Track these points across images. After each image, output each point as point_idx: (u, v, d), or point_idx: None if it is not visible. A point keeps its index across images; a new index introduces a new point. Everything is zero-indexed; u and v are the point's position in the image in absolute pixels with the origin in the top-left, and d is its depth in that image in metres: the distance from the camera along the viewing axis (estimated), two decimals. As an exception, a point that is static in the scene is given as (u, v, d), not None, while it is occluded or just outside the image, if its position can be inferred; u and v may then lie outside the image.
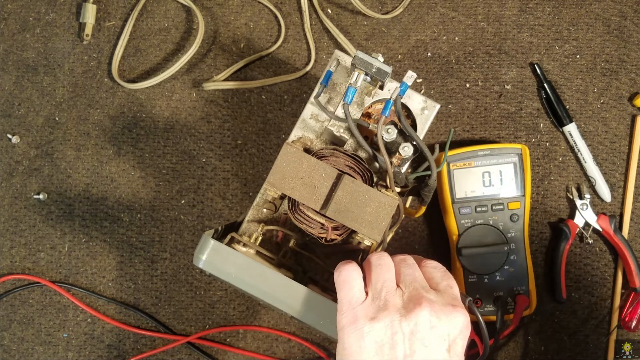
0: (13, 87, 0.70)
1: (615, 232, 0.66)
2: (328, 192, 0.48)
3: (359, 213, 0.48)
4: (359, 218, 0.48)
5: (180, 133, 0.69)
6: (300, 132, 0.54)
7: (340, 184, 0.47)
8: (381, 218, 0.48)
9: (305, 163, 0.48)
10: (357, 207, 0.47)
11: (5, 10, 0.71)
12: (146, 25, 0.70)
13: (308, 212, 0.48)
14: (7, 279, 0.68)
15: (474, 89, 0.69)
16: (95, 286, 0.69)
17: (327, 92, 0.54)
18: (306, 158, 0.48)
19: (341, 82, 0.54)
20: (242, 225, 0.54)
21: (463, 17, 0.70)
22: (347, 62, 0.54)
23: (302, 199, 0.48)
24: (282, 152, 0.48)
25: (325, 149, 0.50)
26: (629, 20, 0.70)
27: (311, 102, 0.54)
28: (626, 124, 0.69)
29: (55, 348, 0.68)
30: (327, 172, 0.48)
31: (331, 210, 0.47)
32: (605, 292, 0.68)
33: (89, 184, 0.69)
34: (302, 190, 0.48)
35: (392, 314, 0.41)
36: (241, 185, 0.69)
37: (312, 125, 0.54)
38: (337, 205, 0.47)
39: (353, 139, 0.53)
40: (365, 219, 0.48)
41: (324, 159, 0.49)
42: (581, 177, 0.68)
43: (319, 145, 0.54)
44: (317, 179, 0.48)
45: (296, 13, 0.70)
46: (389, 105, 0.48)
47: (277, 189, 0.48)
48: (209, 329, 0.68)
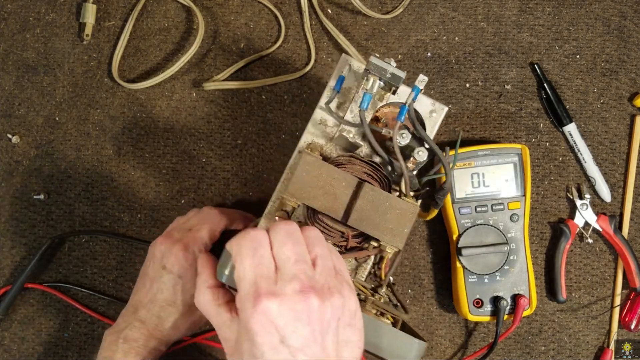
0: (13, 87, 0.70)
1: (615, 232, 0.66)
2: (349, 200, 0.47)
3: (380, 221, 0.47)
4: (380, 226, 0.47)
5: (180, 133, 0.69)
6: (309, 138, 0.53)
7: (360, 192, 0.47)
8: (402, 225, 0.47)
9: (325, 172, 0.47)
10: (378, 215, 0.47)
11: (5, 10, 0.71)
12: (146, 25, 0.70)
13: (327, 220, 0.47)
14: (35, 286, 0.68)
15: (474, 89, 0.69)
16: (95, 286, 0.69)
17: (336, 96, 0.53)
18: (326, 167, 0.47)
19: (349, 86, 0.53)
20: None
21: (463, 17, 0.70)
22: (355, 67, 0.53)
23: (323, 209, 0.47)
24: (301, 161, 0.47)
25: (341, 157, 0.50)
26: (629, 20, 0.70)
27: (321, 107, 0.53)
28: (626, 124, 0.69)
29: (56, 348, 0.68)
30: (347, 180, 0.47)
31: (353, 219, 0.47)
32: (605, 292, 0.68)
33: (89, 184, 0.69)
34: (323, 200, 0.47)
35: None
36: (241, 185, 0.69)
37: (321, 130, 0.53)
38: (359, 214, 0.47)
39: (366, 145, 0.52)
40: (387, 227, 0.47)
41: (341, 167, 0.49)
42: (581, 177, 0.69)
43: (330, 150, 0.53)
44: (337, 187, 0.47)
45: (296, 13, 0.70)
46: (404, 110, 0.48)
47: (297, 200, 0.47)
48: (211, 330, 0.67)
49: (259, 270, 0.40)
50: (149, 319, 0.55)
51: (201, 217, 0.60)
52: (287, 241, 0.42)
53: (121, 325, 0.55)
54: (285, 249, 0.41)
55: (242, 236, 0.42)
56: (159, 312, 0.55)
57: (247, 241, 0.42)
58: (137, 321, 0.55)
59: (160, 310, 0.55)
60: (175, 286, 0.56)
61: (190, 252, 0.56)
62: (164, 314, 0.55)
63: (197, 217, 0.61)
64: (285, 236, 0.42)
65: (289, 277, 0.40)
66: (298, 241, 0.42)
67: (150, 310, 0.55)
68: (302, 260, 0.41)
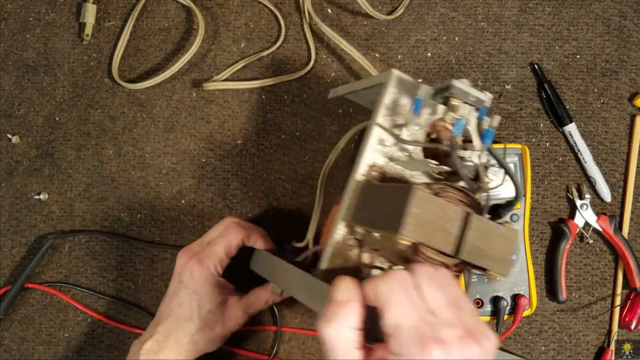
0: (13, 87, 0.70)
1: (615, 232, 0.66)
2: (459, 233, 0.45)
3: (487, 250, 0.45)
4: (488, 255, 0.45)
5: (180, 133, 0.69)
6: (370, 159, 0.50)
7: (469, 224, 0.44)
8: (507, 252, 0.46)
9: (436, 207, 0.44)
10: (486, 244, 0.45)
11: (6, 10, 0.71)
12: (146, 25, 0.70)
13: (431, 253, 0.45)
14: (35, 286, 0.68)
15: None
16: (95, 286, 0.69)
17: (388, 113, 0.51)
18: (436, 201, 0.44)
19: (403, 103, 0.50)
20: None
21: (463, 17, 0.70)
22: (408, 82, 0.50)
23: (437, 245, 0.44)
24: (414, 198, 0.43)
25: (434, 185, 0.46)
26: (628, 20, 0.70)
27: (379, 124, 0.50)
28: (626, 124, 0.69)
29: (56, 348, 0.68)
30: (456, 213, 0.45)
31: (465, 252, 0.44)
32: (605, 292, 0.68)
33: (89, 184, 0.69)
34: (436, 236, 0.44)
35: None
36: (241, 185, 0.69)
37: (379, 149, 0.50)
38: (470, 246, 0.44)
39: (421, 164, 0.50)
40: (494, 256, 0.45)
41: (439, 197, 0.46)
42: (581, 177, 0.69)
43: (389, 170, 0.50)
44: (447, 221, 0.44)
45: (296, 13, 0.70)
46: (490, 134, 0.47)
47: (411, 239, 0.43)
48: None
49: (418, 315, 0.38)
50: (168, 333, 0.56)
51: (220, 231, 0.60)
52: (433, 283, 0.40)
53: (145, 336, 0.56)
54: (434, 292, 0.39)
55: (390, 280, 0.40)
56: (177, 327, 0.56)
57: (398, 285, 0.39)
58: (158, 334, 0.55)
59: (178, 325, 0.56)
60: (191, 301, 0.56)
61: (205, 267, 0.57)
62: (181, 328, 0.56)
63: (216, 230, 0.61)
64: (431, 278, 0.40)
65: (447, 322, 0.38)
66: (443, 283, 0.40)
67: (169, 324, 0.56)
68: (452, 304, 0.39)
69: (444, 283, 0.41)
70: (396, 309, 0.38)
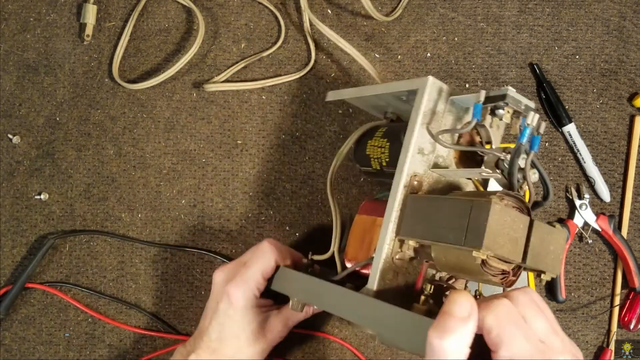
0: (14, 87, 0.70)
1: (615, 232, 0.66)
2: (525, 241, 0.46)
3: (545, 254, 0.46)
4: (546, 259, 0.46)
5: (180, 133, 0.70)
6: (412, 170, 0.49)
7: (532, 231, 0.45)
8: (559, 252, 0.47)
9: (508, 218, 0.44)
10: (544, 249, 0.46)
11: (6, 10, 0.71)
12: (147, 25, 0.71)
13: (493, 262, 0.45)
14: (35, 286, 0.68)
15: (473, 89, 0.69)
16: (95, 286, 0.69)
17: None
18: (508, 212, 0.44)
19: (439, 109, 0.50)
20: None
21: (463, 17, 0.70)
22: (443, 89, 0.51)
23: (510, 255, 0.45)
24: (493, 212, 0.43)
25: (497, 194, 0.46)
26: (628, 21, 0.70)
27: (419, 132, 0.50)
28: (625, 124, 0.69)
29: (57, 348, 0.68)
30: (523, 222, 0.45)
31: (530, 259, 0.45)
32: (604, 292, 0.68)
33: (89, 184, 0.69)
34: (509, 247, 0.44)
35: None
36: (241, 185, 0.69)
37: (418, 159, 0.50)
38: (533, 252, 0.45)
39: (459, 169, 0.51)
40: (550, 258, 0.46)
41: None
42: (580, 177, 0.69)
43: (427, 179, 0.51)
44: (516, 231, 0.45)
45: (296, 13, 0.70)
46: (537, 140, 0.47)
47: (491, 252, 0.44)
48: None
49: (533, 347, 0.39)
50: (209, 349, 0.57)
51: (255, 253, 0.60)
52: (535, 311, 0.41)
53: (189, 347, 0.58)
54: (539, 322, 0.40)
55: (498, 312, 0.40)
56: (221, 344, 0.57)
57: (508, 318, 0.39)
58: (200, 348, 0.57)
59: (222, 342, 0.57)
60: (232, 324, 0.57)
61: (242, 291, 0.57)
62: (225, 345, 0.57)
63: (252, 252, 0.61)
64: (533, 305, 0.41)
65: (557, 350, 0.39)
66: (541, 308, 0.41)
67: (208, 340, 0.57)
68: (554, 329, 0.41)
69: (542, 307, 0.42)
70: (512, 342, 0.38)
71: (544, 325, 0.40)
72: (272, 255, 0.59)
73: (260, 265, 0.58)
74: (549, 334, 0.40)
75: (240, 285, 0.57)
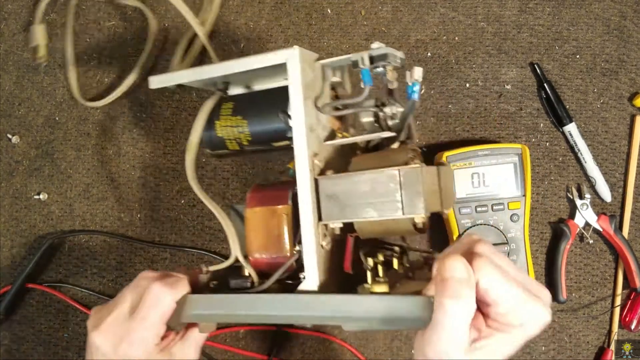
0: (13, 87, 0.70)
1: (616, 232, 0.66)
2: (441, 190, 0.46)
3: (449, 194, 0.47)
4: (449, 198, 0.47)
5: (180, 133, 0.69)
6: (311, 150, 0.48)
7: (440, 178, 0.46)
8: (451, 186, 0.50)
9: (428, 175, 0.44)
10: (447, 189, 0.47)
11: (6, 10, 0.71)
12: (147, 25, 0.70)
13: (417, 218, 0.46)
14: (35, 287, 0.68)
15: (474, 89, 0.69)
16: (95, 286, 0.69)
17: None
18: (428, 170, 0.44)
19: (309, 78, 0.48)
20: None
21: (463, 17, 0.70)
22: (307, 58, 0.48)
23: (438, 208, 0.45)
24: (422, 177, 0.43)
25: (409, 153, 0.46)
26: (628, 20, 0.70)
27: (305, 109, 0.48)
28: (626, 124, 0.69)
29: (56, 348, 0.68)
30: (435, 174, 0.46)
31: (444, 204, 0.46)
32: (605, 292, 0.68)
33: (89, 184, 0.69)
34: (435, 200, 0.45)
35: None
36: (241, 185, 0.69)
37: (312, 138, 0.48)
38: (444, 197, 0.46)
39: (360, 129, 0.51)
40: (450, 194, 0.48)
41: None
42: (581, 177, 0.68)
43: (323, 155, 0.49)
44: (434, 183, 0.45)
45: (296, 13, 0.70)
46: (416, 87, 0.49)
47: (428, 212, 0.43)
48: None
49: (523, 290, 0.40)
50: None
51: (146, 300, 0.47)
52: (502, 256, 0.41)
53: None
54: (508, 264, 0.41)
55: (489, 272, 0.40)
56: None
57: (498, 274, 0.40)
58: None
59: None
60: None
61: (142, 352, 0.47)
62: None
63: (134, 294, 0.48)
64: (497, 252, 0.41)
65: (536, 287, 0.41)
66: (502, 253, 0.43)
67: None
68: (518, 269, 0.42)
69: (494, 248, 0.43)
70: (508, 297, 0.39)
71: (512, 267, 0.41)
72: (169, 296, 0.48)
73: (159, 312, 0.47)
74: (519, 274, 0.41)
75: (140, 346, 0.46)
